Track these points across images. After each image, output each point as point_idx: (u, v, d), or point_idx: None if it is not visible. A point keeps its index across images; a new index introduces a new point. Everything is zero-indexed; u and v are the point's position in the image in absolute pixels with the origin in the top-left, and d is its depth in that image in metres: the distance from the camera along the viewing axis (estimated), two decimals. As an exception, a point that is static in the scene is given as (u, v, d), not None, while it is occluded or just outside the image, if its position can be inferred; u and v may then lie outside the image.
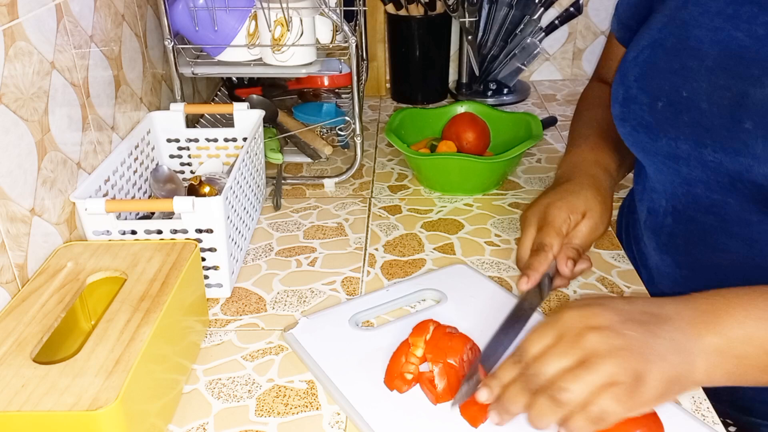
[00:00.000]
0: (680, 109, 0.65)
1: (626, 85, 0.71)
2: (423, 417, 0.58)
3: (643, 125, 0.69)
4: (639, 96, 0.69)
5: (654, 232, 0.77)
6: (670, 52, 0.67)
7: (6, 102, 0.61)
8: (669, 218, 0.74)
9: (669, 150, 0.68)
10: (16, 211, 0.63)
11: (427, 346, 0.61)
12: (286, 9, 0.89)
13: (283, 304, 0.75)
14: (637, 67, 0.70)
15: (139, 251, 0.66)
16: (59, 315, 0.58)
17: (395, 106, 1.34)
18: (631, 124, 0.71)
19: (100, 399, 0.48)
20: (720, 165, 0.63)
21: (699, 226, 0.70)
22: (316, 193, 1.00)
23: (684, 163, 0.67)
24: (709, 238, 0.69)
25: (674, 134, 0.66)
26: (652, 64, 0.68)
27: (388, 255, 0.84)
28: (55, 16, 0.70)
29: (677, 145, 0.67)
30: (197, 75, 0.98)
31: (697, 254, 0.72)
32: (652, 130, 0.68)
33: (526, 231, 0.71)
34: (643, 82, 0.69)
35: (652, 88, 0.68)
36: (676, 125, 0.66)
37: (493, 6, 1.31)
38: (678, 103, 0.66)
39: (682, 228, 0.72)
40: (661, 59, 0.68)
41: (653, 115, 0.68)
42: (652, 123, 0.68)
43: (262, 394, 0.63)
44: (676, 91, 0.66)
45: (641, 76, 0.69)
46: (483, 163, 0.94)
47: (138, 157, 0.87)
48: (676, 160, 0.68)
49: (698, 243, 0.71)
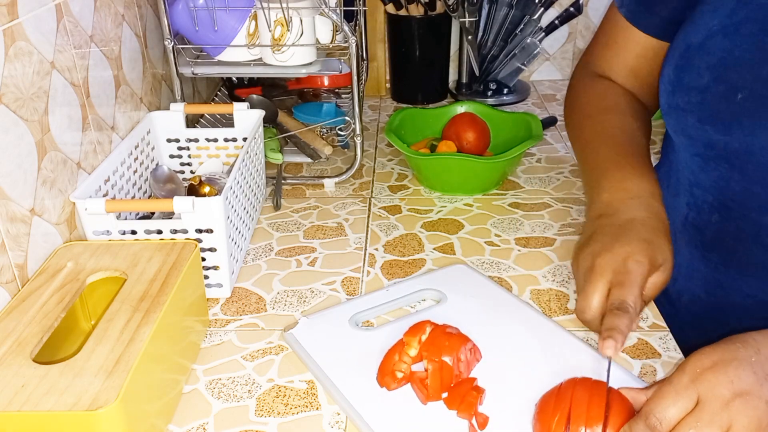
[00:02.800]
0: (763, 102, 0.60)
1: (695, 74, 0.65)
2: (423, 417, 0.58)
3: (715, 117, 0.63)
4: (712, 86, 0.63)
5: (697, 229, 0.72)
6: (749, 39, 0.61)
7: (6, 102, 0.61)
8: (716, 215, 0.69)
9: (740, 145, 0.62)
10: (16, 211, 0.63)
11: (423, 344, 0.61)
12: (286, 9, 0.89)
13: (283, 304, 0.75)
14: (710, 54, 0.64)
15: (139, 251, 0.66)
16: (59, 315, 0.58)
17: (395, 106, 1.34)
18: (697, 116, 0.65)
19: (100, 399, 0.48)
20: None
21: (752, 225, 0.65)
22: (316, 193, 1.00)
23: (754, 159, 0.62)
24: (761, 237, 0.65)
25: (750, 128, 0.61)
26: (729, 52, 0.62)
27: (388, 255, 0.84)
28: (55, 16, 0.70)
29: (753, 140, 0.61)
30: (197, 75, 0.98)
31: (746, 253, 0.67)
32: (725, 122, 0.63)
33: (598, 282, 0.61)
34: (718, 71, 0.63)
35: (731, 77, 0.62)
36: (754, 118, 0.61)
37: (493, 6, 1.31)
38: (760, 95, 0.60)
39: (732, 226, 0.67)
40: (739, 47, 0.62)
41: (729, 107, 0.62)
42: (727, 115, 0.62)
43: (262, 394, 0.63)
44: (760, 82, 0.60)
45: (717, 64, 0.63)
46: (483, 163, 0.94)
47: (138, 157, 0.87)
48: (749, 155, 0.62)
49: (749, 241, 0.67)
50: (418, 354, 0.61)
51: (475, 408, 0.57)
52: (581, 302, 0.62)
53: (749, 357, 0.50)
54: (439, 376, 0.59)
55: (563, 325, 0.70)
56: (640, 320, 0.64)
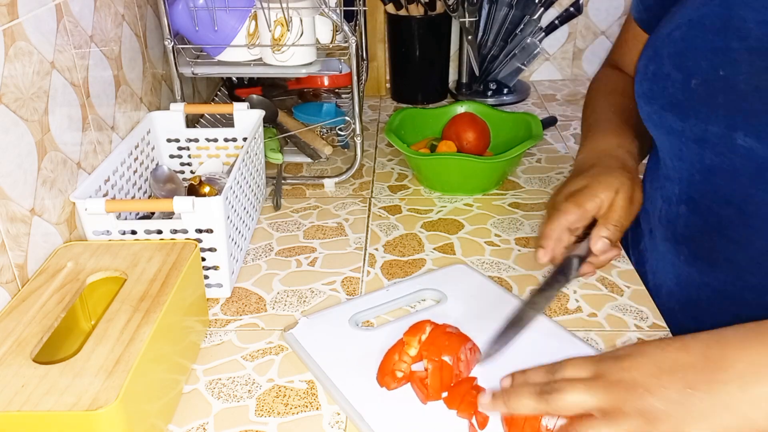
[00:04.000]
0: (715, 90, 0.63)
1: (658, 62, 0.68)
2: (423, 417, 0.58)
3: (673, 104, 0.67)
4: (672, 73, 0.66)
5: (669, 222, 0.74)
6: (710, 31, 0.64)
7: (6, 102, 0.61)
8: (683, 207, 0.71)
9: (697, 132, 0.65)
10: (16, 211, 0.63)
11: (423, 343, 0.61)
12: (286, 9, 0.89)
13: (283, 304, 0.75)
14: (672, 44, 0.67)
15: (139, 251, 0.66)
16: (59, 315, 0.58)
17: (395, 106, 1.34)
18: (659, 103, 0.68)
19: (100, 399, 0.48)
20: (750, 151, 0.61)
21: (716, 218, 0.68)
22: (316, 193, 1.00)
23: (710, 148, 0.64)
24: (726, 230, 0.67)
25: (705, 115, 0.64)
26: (690, 42, 0.66)
27: (388, 255, 0.84)
28: (55, 16, 0.70)
29: (707, 128, 0.64)
30: (197, 75, 0.98)
31: (714, 246, 0.69)
32: (682, 109, 0.66)
33: (549, 214, 0.68)
34: (677, 59, 0.66)
35: (688, 66, 0.65)
36: (708, 106, 0.63)
37: (493, 6, 1.31)
38: (714, 83, 0.63)
39: (699, 219, 0.70)
40: (699, 37, 0.65)
41: (685, 94, 0.65)
42: (683, 102, 0.66)
43: (262, 394, 0.63)
44: (713, 70, 0.63)
45: (676, 53, 0.67)
46: (483, 163, 0.94)
47: (138, 157, 0.87)
48: (703, 143, 0.65)
49: (715, 235, 0.68)
50: (418, 353, 0.61)
51: (475, 408, 0.57)
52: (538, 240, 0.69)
53: (663, 353, 0.50)
54: (439, 376, 0.59)
55: (563, 325, 0.70)
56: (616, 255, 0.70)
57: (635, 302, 0.74)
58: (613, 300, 0.74)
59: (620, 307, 0.73)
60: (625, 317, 0.72)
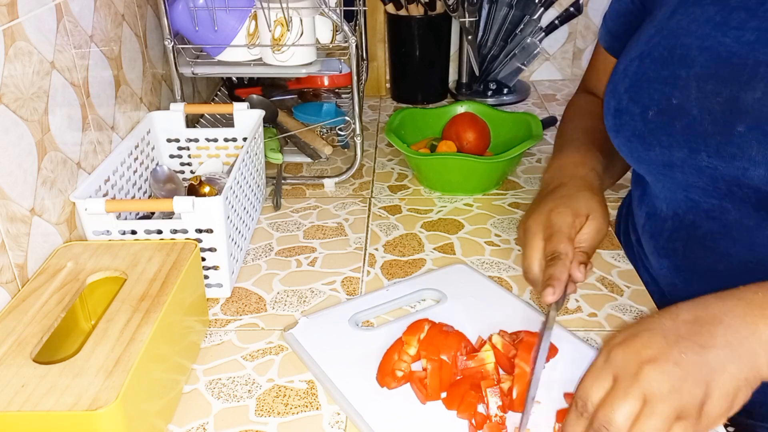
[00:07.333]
0: (672, 117, 0.66)
1: (617, 97, 0.71)
2: (423, 417, 0.58)
3: (636, 135, 0.69)
4: (630, 107, 0.69)
5: (653, 236, 0.77)
6: (658, 62, 0.67)
7: (6, 102, 0.61)
8: (669, 222, 0.74)
9: (663, 158, 0.68)
10: (16, 211, 0.63)
11: (421, 343, 0.61)
12: (286, 9, 0.89)
13: (283, 304, 0.75)
14: (627, 78, 0.70)
15: (139, 251, 0.66)
16: (59, 315, 0.58)
17: (395, 106, 1.34)
18: (624, 135, 0.71)
19: (100, 399, 0.48)
20: (715, 170, 0.63)
21: (699, 231, 0.70)
22: (316, 193, 1.00)
23: (679, 171, 0.67)
24: (709, 242, 0.69)
25: (668, 142, 0.67)
26: (642, 75, 0.69)
27: (388, 255, 0.84)
28: (55, 16, 0.70)
29: (671, 153, 0.67)
30: (197, 75, 0.98)
31: (696, 259, 0.72)
32: (645, 139, 0.69)
33: (532, 241, 0.67)
34: (633, 92, 0.69)
35: (643, 98, 0.68)
36: (668, 133, 0.66)
37: (493, 6, 1.31)
38: (669, 112, 0.66)
39: (683, 233, 0.72)
40: (650, 69, 0.68)
41: (645, 125, 0.68)
42: (645, 132, 0.68)
43: (262, 394, 0.63)
44: (666, 100, 0.66)
45: (631, 86, 0.70)
46: (483, 163, 0.94)
47: (138, 157, 0.87)
48: (671, 168, 0.68)
49: (698, 247, 0.71)
50: (417, 353, 0.61)
51: (475, 408, 0.57)
52: (523, 263, 0.68)
53: (664, 324, 0.51)
54: (438, 375, 0.59)
55: (563, 325, 0.70)
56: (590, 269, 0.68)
57: (635, 302, 0.74)
58: (613, 300, 0.75)
59: (620, 307, 0.73)
60: (625, 317, 0.72)
